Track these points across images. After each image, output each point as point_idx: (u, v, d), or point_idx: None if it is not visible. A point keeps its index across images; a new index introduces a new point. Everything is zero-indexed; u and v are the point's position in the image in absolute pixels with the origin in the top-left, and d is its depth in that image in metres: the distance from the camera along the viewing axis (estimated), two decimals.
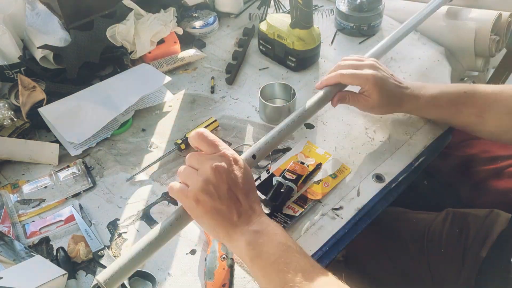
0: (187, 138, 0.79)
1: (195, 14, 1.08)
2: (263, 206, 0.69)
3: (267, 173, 0.74)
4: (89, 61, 0.90)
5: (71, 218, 0.68)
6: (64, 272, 0.57)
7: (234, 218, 0.51)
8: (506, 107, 0.72)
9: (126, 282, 0.59)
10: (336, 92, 0.76)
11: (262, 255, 0.50)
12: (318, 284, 0.47)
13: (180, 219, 0.55)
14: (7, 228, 0.66)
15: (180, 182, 0.54)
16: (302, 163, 0.75)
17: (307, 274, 0.48)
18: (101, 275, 0.50)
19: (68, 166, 0.77)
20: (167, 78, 0.89)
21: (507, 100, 0.72)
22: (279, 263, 0.48)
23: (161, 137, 0.83)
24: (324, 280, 0.48)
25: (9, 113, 0.80)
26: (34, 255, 0.61)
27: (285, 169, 0.73)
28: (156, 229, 0.53)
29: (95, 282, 0.55)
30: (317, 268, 0.49)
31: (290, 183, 0.70)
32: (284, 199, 0.69)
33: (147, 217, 0.69)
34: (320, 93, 0.74)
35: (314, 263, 0.50)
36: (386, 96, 0.74)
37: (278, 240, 0.50)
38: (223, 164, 0.52)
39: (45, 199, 0.72)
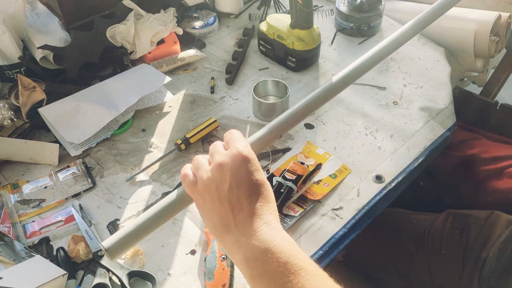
0: (187, 138, 0.79)
1: (195, 15, 1.08)
2: None
3: (267, 174, 0.74)
4: (89, 61, 0.90)
5: (71, 218, 0.68)
6: (64, 272, 0.57)
7: (231, 224, 0.45)
8: None
9: (126, 282, 0.59)
10: None
11: (265, 277, 0.42)
12: None
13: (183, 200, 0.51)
14: (7, 228, 0.66)
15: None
16: (302, 163, 0.75)
17: None
18: (106, 242, 0.46)
19: (68, 166, 0.77)
20: (167, 78, 0.89)
21: None
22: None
23: (161, 137, 0.83)
24: None
25: (9, 113, 0.80)
26: (34, 255, 0.61)
27: (285, 169, 0.73)
28: (161, 203, 0.50)
29: (101, 247, 0.48)
30: None
31: (290, 184, 0.70)
32: (284, 199, 0.69)
33: None
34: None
35: (332, 284, 0.43)
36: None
37: (285, 260, 0.41)
38: (230, 160, 0.45)
39: (45, 199, 0.72)
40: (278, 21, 0.95)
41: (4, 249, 0.62)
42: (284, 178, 0.71)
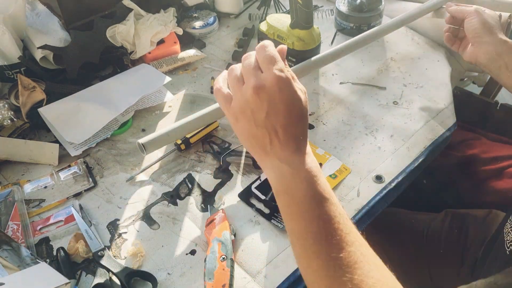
0: (187, 138, 0.79)
1: (195, 15, 1.08)
2: (263, 206, 0.69)
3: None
4: (89, 61, 0.91)
5: (71, 218, 0.68)
6: (67, 280, 0.57)
7: (267, 148, 0.49)
8: None
9: (126, 283, 0.59)
10: None
11: (288, 192, 0.48)
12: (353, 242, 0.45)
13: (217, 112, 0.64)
14: (16, 226, 0.66)
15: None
16: None
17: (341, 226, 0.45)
18: (143, 139, 0.60)
19: (69, 166, 0.77)
20: (167, 78, 0.89)
21: None
22: (307, 211, 0.46)
23: None
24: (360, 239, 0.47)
25: (9, 113, 0.80)
26: (39, 262, 0.61)
27: None
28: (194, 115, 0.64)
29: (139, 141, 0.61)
30: (353, 228, 0.47)
31: None
32: None
33: (147, 218, 0.69)
34: None
35: (347, 219, 0.47)
36: None
37: (305, 187, 0.47)
38: (268, 87, 0.47)
39: (45, 199, 0.72)
40: (278, 21, 0.95)
41: (10, 254, 0.61)
42: None
